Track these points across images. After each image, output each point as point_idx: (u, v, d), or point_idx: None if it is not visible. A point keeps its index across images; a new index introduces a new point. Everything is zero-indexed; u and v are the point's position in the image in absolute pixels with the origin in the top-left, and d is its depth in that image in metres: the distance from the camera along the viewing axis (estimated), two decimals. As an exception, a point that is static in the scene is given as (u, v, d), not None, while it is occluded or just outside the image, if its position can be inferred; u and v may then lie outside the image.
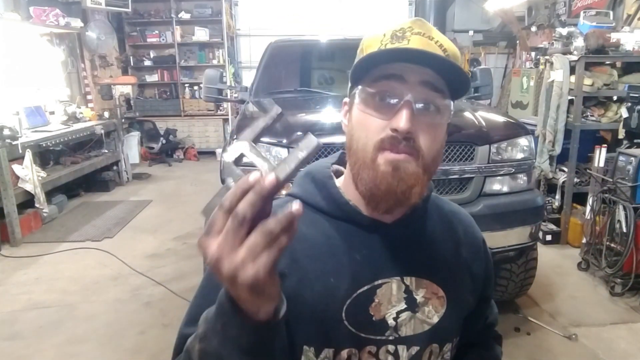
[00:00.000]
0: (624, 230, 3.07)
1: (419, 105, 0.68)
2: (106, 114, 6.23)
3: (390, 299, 0.74)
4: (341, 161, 0.85)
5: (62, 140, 4.97)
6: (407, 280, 0.75)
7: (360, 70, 0.71)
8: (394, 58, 0.68)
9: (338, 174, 0.82)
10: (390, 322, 0.74)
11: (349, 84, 0.75)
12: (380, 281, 0.74)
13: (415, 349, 0.76)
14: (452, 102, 0.71)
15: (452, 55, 0.69)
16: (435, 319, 0.77)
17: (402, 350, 0.75)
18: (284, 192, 0.79)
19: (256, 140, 0.53)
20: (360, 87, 0.71)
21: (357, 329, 0.72)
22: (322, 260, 0.74)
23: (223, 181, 0.51)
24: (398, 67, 0.68)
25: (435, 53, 0.67)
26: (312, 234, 0.75)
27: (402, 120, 0.65)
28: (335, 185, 0.78)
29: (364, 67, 0.71)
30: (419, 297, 0.76)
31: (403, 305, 0.75)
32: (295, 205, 0.48)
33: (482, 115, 2.59)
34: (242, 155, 0.52)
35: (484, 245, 0.89)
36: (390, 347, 0.74)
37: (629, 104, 3.56)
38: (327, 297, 0.72)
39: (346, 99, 0.78)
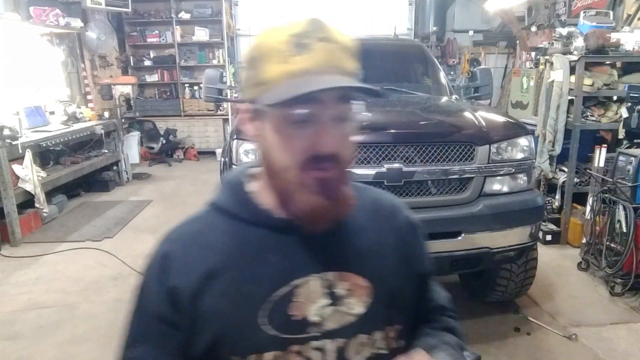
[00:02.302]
0: (624, 230, 3.07)
1: (335, 121, 0.69)
2: (106, 114, 6.23)
3: (312, 297, 0.75)
4: None
5: (62, 140, 4.97)
6: (328, 275, 0.76)
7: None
8: (307, 98, 0.65)
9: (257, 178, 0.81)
10: (314, 318, 0.75)
11: (249, 94, 0.73)
12: (299, 280, 0.75)
13: (341, 341, 0.76)
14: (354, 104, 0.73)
15: (349, 51, 0.71)
16: (361, 310, 0.77)
17: (328, 344, 0.76)
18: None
19: None
20: (273, 106, 0.68)
21: (277, 330, 0.73)
22: (237, 269, 0.74)
23: None
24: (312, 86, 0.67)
25: (342, 85, 0.67)
26: (226, 243, 0.76)
27: (325, 144, 0.67)
28: (245, 191, 0.79)
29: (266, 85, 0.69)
30: (341, 290, 0.77)
31: (325, 301, 0.75)
32: None
33: (482, 115, 2.58)
34: None
35: (410, 225, 0.89)
36: (316, 343, 0.75)
37: (629, 104, 3.56)
38: (243, 304, 0.73)
39: (242, 106, 0.75)
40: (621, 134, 3.70)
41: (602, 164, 3.46)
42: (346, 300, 0.77)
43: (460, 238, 2.30)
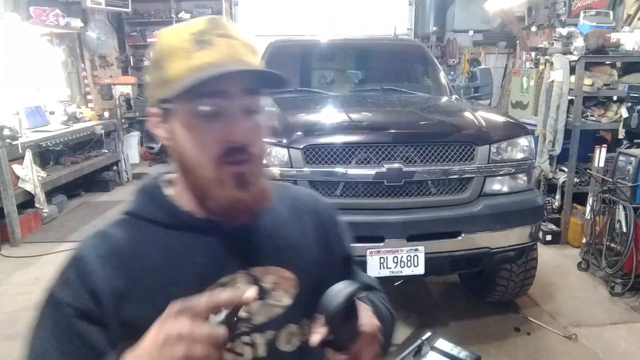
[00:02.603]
0: (624, 230, 3.07)
1: (245, 113, 0.70)
2: (106, 114, 6.23)
3: None
4: None
5: (62, 140, 4.97)
6: (253, 271, 0.77)
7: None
8: (213, 85, 0.67)
9: (173, 182, 0.82)
10: (242, 314, 0.74)
11: (156, 96, 0.73)
12: (224, 278, 0.75)
13: (270, 333, 0.78)
14: (263, 98, 0.75)
15: (251, 48, 0.73)
16: (288, 301, 0.79)
17: (258, 337, 0.77)
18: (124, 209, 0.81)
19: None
20: (181, 104, 0.69)
21: None
22: (162, 273, 0.74)
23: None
24: (218, 83, 0.68)
25: (246, 69, 0.69)
26: (149, 249, 0.75)
27: (237, 134, 0.69)
28: (163, 195, 0.79)
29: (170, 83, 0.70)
30: (267, 284, 0.78)
31: None
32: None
33: (482, 115, 2.59)
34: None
35: (328, 213, 0.92)
36: (246, 338, 0.76)
37: (629, 104, 3.56)
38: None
39: (152, 110, 0.75)
40: (621, 134, 3.70)
41: (602, 164, 3.45)
42: (273, 293, 0.78)
43: (460, 238, 2.29)
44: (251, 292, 0.59)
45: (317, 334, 0.69)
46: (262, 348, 0.77)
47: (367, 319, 0.74)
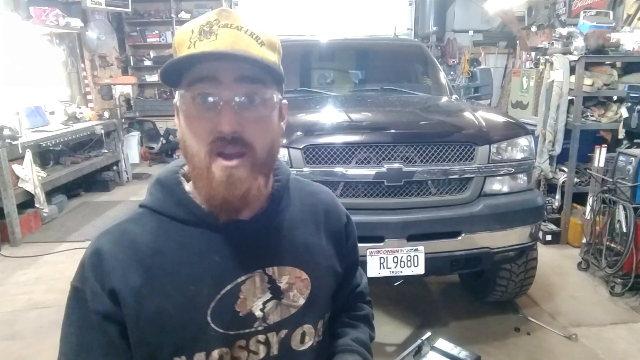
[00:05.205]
0: (624, 230, 3.07)
1: (241, 102, 0.68)
2: (106, 114, 6.23)
3: (255, 292, 0.77)
4: None
5: (62, 140, 4.96)
6: (270, 270, 0.78)
7: (173, 75, 0.70)
8: (201, 61, 0.67)
9: (189, 176, 0.79)
10: (258, 313, 0.76)
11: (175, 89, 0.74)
12: (243, 277, 0.76)
13: (284, 332, 0.79)
14: (276, 91, 0.73)
15: (266, 42, 0.71)
16: (302, 301, 0.80)
17: (272, 336, 0.78)
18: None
19: None
20: (179, 92, 0.70)
21: (224, 328, 0.74)
22: (179, 271, 0.74)
23: None
24: (210, 68, 0.68)
25: (240, 53, 0.66)
26: (166, 245, 0.75)
27: (224, 123, 0.66)
28: (184, 191, 0.78)
29: (175, 71, 0.70)
30: (283, 284, 0.79)
31: (268, 295, 0.77)
32: None
33: (482, 115, 2.58)
34: None
35: (345, 220, 0.93)
36: (261, 337, 0.77)
37: (629, 104, 3.56)
38: (188, 305, 0.73)
39: (175, 101, 0.75)
40: (621, 134, 3.70)
41: (602, 164, 3.45)
42: (288, 294, 0.79)
43: (460, 238, 2.29)
44: None
45: None
46: (275, 347, 0.78)
47: None
